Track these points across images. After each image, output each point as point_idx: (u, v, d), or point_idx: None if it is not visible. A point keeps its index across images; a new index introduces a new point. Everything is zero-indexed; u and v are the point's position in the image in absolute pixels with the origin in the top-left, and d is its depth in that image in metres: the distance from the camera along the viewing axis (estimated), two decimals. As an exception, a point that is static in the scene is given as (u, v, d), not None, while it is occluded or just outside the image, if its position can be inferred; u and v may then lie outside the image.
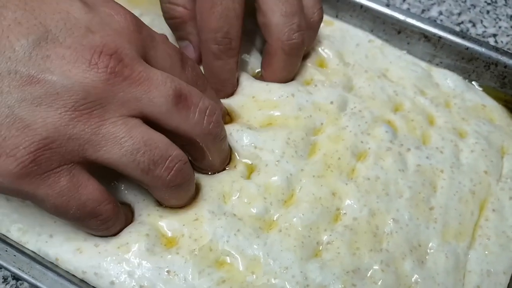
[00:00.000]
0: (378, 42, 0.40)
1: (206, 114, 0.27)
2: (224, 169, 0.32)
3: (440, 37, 0.38)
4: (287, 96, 0.35)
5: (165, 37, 0.30)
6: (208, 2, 0.31)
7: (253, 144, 0.32)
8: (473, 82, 0.39)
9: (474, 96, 0.38)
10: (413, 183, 0.33)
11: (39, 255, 0.28)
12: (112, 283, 0.27)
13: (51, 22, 0.24)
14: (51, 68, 0.23)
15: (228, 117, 0.35)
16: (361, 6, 0.39)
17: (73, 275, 0.28)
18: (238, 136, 0.32)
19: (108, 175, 0.29)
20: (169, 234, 0.29)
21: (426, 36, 0.38)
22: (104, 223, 0.27)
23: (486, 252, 0.32)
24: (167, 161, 0.26)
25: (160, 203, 0.30)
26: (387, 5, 0.39)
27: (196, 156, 0.30)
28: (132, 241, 0.28)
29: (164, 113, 0.26)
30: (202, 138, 0.28)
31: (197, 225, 0.29)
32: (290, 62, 0.34)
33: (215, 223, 0.29)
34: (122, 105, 0.25)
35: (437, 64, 0.39)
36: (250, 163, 0.32)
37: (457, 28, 0.46)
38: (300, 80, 0.36)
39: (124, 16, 0.27)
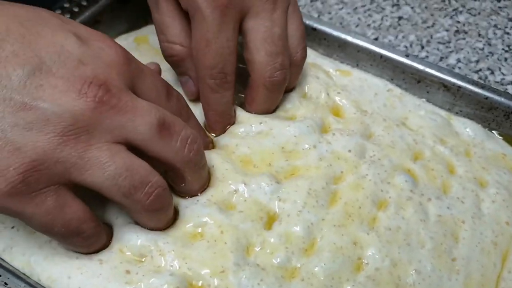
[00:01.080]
0: (397, 91, 0.41)
1: (188, 142, 0.29)
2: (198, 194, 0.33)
3: (459, 87, 0.39)
4: (309, 148, 0.36)
5: (153, 70, 0.32)
6: (203, 40, 0.33)
7: (278, 196, 0.33)
8: (493, 131, 0.40)
9: (495, 145, 0.38)
10: (435, 234, 0.33)
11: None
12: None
13: (46, 54, 0.26)
14: (43, 96, 0.25)
15: (211, 145, 0.37)
16: (381, 56, 0.40)
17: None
18: (266, 190, 0.33)
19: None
20: (199, 284, 0.30)
21: (446, 86, 0.39)
22: (87, 240, 0.29)
23: (510, 306, 0.32)
24: (147, 187, 0.27)
25: (185, 254, 0.31)
26: (407, 55, 0.40)
27: (176, 181, 0.32)
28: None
29: (147, 140, 0.28)
30: (182, 165, 0.30)
31: (223, 276, 0.30)
32: (271, 97, 0.37)
33: (239, 274, 0.30)
34: (108, 132, 0.26)
35: (456, 113, 0.40)
36: (273, 213, 0.33)
37: (475, 76, 0.47)
38: (318, 129, 0.37)
39: (115, 50, 0.29)
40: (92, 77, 0.26)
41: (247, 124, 0.37)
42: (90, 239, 0.29)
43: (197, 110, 0.37)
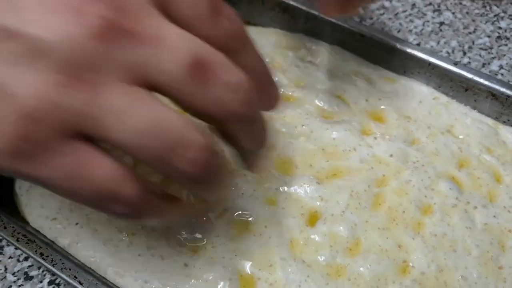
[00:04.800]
0: (444, 99, 0.41)
1: (231, 90, 0.21)
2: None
3: (508, 96, 0.39)
4: (349, 150, 0.37)
5: None
6: None
7: (320, 196, 0.34)
8: (541, 141, 0.40)
9: (542, 155, 0.39)
10: (481, 242, 0.34)
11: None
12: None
13: None
14: (31, 19, 0.18)
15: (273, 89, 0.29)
16: (429, 63, 0.41)
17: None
18: (307, 189, 0.35)
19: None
20: (248, 274, 0.31)
21: (494, 95, 0.39)
22: (130, 207, 0.21)
23: (557, 316, 0.32)
24: (185, 149, 0.20)
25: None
26: (455, 64, 0.40)
27: (225, 139, 0.25)
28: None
29: (175, 83, 0.20)
30: (225, 118, 0.22)
31: (272, 270, 0.31)
32: None
33: (287, 269, 0.31)
34: (121, 70, 0.19)
35: (504, 122, 0.40)
36: (314, 211, 0.34)
37: (520, 84, 0.47)
38: (357, 132, 0.38)
39: None
40: None
41: (291, 125, 0.38)
42: (134, 206, 0.21)
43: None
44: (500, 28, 0.53)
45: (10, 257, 0.35)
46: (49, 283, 0.33)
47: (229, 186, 0.26)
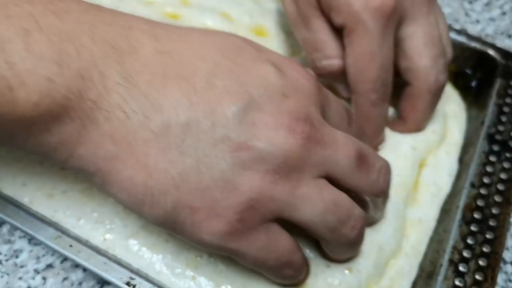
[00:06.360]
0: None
1: (383, 173, 0.29)
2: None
3: None
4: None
5: (333, 95, 0.31)
6: (367, 54, 0.32)
7: None
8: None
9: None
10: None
11: (14, 199, 0.32)
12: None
13: (254, 89, 0.25)
14: (257, 135, 0.25)
15: None
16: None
17: (43, 215, 0.31)
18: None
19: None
20: None
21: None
22: (297, 271, 0.29)
23: None
24: (352, 220, 0.27)
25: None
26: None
27: (363, 209, 0.31)
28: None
29: (346, 173, 0.27)
30: (373, 195, 0.29)
31: None
32: (433, 103, 0.36)
33: None
34: (314, 168, 0.26)
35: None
36: None
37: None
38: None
39: (307, 79, 0.28)
40: (296, 112, 0.26)
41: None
42: (299, 269, 0.29)
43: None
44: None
45: None
46: None
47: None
